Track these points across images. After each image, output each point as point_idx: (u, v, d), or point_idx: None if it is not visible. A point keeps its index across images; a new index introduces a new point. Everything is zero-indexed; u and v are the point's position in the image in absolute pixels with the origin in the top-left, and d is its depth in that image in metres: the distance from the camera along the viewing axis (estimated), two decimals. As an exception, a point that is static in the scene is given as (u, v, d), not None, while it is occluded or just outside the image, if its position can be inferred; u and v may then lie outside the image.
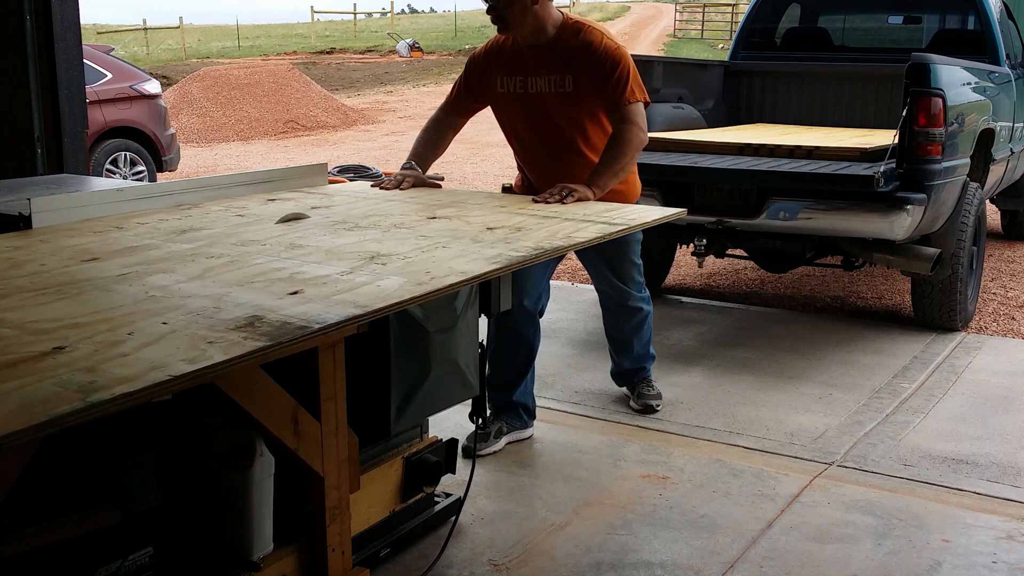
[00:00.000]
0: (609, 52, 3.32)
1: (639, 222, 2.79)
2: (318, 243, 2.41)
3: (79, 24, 4.69)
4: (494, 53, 3.51)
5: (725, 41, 30.83)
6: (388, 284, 1.98)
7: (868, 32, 7.85)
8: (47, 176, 4.23)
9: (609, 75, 3.31)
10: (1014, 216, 8.27)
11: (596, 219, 2.76)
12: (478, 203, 3.05)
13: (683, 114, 6.24)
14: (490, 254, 2.25)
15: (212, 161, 15.49)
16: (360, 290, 1.92)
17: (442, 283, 1.99)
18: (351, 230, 2.59)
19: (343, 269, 2.11)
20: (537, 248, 2.34)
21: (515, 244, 2.37)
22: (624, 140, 3.28)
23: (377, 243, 2.40)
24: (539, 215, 2.82)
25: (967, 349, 5.01)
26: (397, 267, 2.12)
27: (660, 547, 2.94)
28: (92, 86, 9.29)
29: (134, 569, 2.12)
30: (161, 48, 37.31)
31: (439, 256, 2.24)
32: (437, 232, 2.54)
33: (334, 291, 1.92)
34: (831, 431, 3.89)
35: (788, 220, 4.76)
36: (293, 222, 2.74)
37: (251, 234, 2.53)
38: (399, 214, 2.84)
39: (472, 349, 2.81)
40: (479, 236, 2.48)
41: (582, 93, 3.36)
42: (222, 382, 1.98)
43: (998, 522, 3.12)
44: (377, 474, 2.72)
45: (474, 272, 2.09)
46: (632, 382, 4.15)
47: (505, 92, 3.48)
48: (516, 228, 2.59)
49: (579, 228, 2.62)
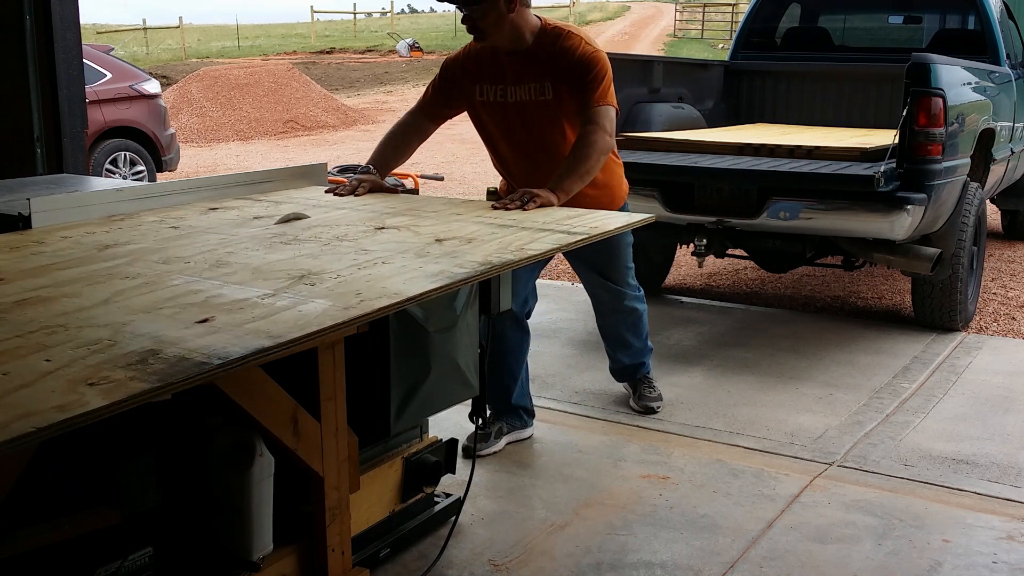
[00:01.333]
0: (586, 56, 3.24)
1: (601, 230, 2.61)
2: (248, 260, 2.25)
3: (79, 24, 4.69)
4: (472, 60, 3.40)
5: (725, 41, 30.83)
6: (310, 309, 1.82)
7: (868, 32, 7.85)
8: (47, 176, 4.22)
9: (583, 77, 3.22)
10: (1014, 216, 8.27)
11: (555, 227, 2.61)
12: (434, 211, 2.89)
13: (683, 114, 6.24)
14: (432, 271, 2.11)
15: (212, 161, 15.49)
16: (277, 317, 1.78)
17: (371, 307, 1.84)
18: (289, 244, 2.43)
19: (266, 291, 1.96)
20: (484, 263, 2.18)
21: (461, 259, 2.23)
22: (589, 142, 3.16)
23: (312, 259, 2.24)
24: (496, 223, 2.66)
25: (967, 349, 5.01)
26: (326, 288, 1.98)
27: (660, 547, 2.94)
28: (92, 86, 9.30)
29: (134, 569, 2.12)
30: (161, 48, 37.32)
31: (376, 274, 2.09)
32: (381, 245, 2.39)
33: (248, 318, 1.77)
34: (831, 431, 3.89)
35: (788, 220, 4.76)
36: (293, 222, 2.73)
37: (178, 249, 2.38)
38: (346, 224, 2.68)
39: (472, 349, 2.81)
40: (425, 249, 2.33)
41: (561, 100, 3.28)
42: (222, 382, 1.97)
43: (998, 522, 3.12)
44: (377, 474, 2.72)
45: (408, 293, 1.94)
46: (633, 379, 4.13)
47: (484, 100, 3.39)
48: (467, 239, 2.44)
49: (535, 238, 2.46)
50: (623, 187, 3.66)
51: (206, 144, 18.18)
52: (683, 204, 4.98)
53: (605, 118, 3.21)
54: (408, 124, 3.48)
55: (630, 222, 2.80)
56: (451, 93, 3.44)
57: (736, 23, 22.95)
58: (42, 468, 1.97)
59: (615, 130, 3.28)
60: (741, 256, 5.78)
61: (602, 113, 3.21)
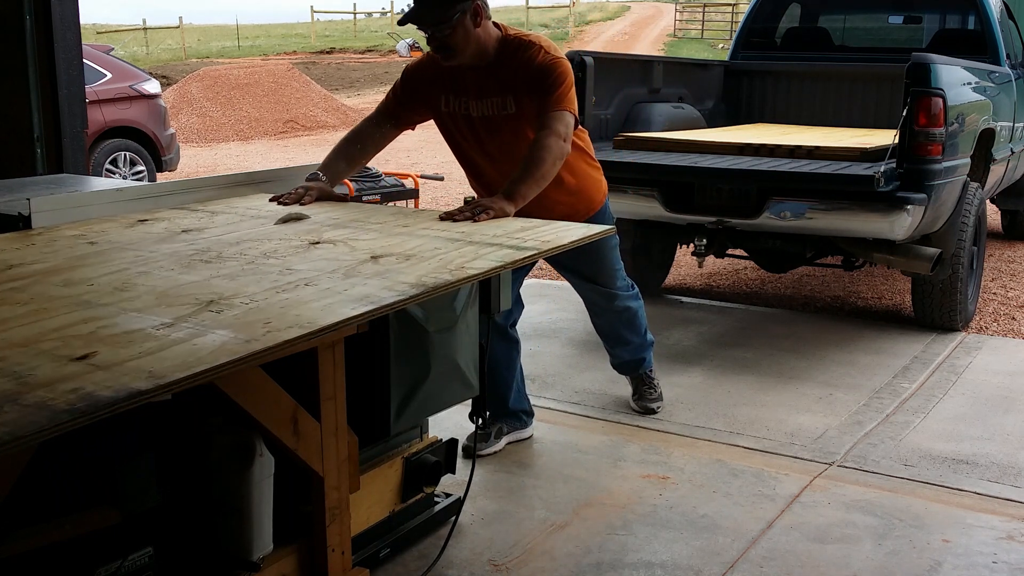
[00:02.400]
0: (545, 63, 3.15)
1: (553, 244, 2.45)
2: (157, 282, 2.10)
3: (79, 24, 4.69)
4: (435, 69, 3.27)
5: (725, 41, 30.82)
6: (206, 343, 1.68)
7: (868, 32, 7.85)
8: (47, 176, 4.22)
9: (541, 82, 3.14)
10: (1014, 216, 8.27)
11: (504, 242, 2.44)
12: (379, 222, 2.74)
13: (683, 114, 6.24)
14: (357, 295, 1.97)
15: (212, 161, 15.50)
16: (166, 353, 1.63)
17: (276, 339, 1.69)
18: (209, 262, 2.27)
19: (164, 320, 1.80)
20: (417, 285, 2.04)
21: (393, 280, 2.08)
22: (542, 146, 3.05)
23: (229, 281, 2.09)
24: (443, 236, 2.52)
25: (967, 349, 5.01)
26: (233, 316, 1.83)
27: (660, 547, 2.94)
28: (92, 86, 9.30)
29: (134, 569, 2.12)
30: (161, 48, 37.32)
31: (293, 299, 1.95)
32: (310, 264, 2.24)
33: (133, 354, 1.62)
34: (831, 431, 3.89)
35: (788, 220, 4.76)
36: (292, 223, 2.73)
37: (87, 269, 2.22)
38: (278, 238, 2.52)
39: (472, 349, 2.81)
40: (356, 268, 2.19)
41: (525, 111, 3.19)
42: (222, 382, 1.97)
43: (998, 522, 3.12)
44: (377, 474, 2.72)
45: (322, 323, 1.79)
46: (636, 373, 4.10)
47: (449, 112, 3.30)
48: (406, 256, 2.30)
49: (480, 255, 2.32)
50: (601, 191, 3.61)
51: (206, 144, 18.19)
52: (683, 204, 4.98)
53: (560, 123, 3.11)
54: (365, 132, 3.35)
55: (588, 234, 2.64)
56: (413, 102, 3.34)
57: (736, 23, 22.95)
58: (42, 468, 1.97)
59: (570, 135, 3.17)
60: (741, 256, 5.78)
61: (556, 118, 3.11)
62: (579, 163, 3.45)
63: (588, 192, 3.54)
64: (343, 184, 6.37)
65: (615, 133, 5.62)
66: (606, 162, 5.06)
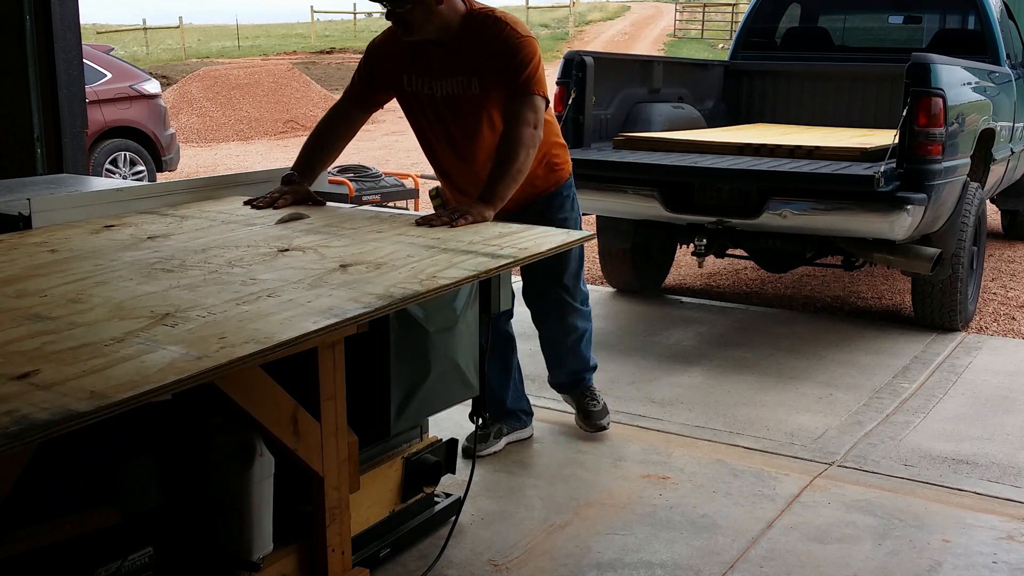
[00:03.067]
0: (511, 41, 2.99)
1: (531, 252, 2.39)
2: (113, 293, 2.02)
3: (79, 24, 4.69)
4: (397, 45, 3.12)
5: (725, 41, 30.82)
6: (155, 360, 1.60)
7: (868, 32, 7.85)
8: (47, 176, 4.22)
9: (507, 64, 2.98)
10: (1014, 216, 8.27)
11: (480, 249, 2.38)
12: (353, 228, 2.65)
13: (683, 114, 6.24)
14: (321, 307, 1.90)
15: (212, 161, 15.50)
16: (112, 371, 1.56)
17: (230, 355, 1.63)
18: (170, 271, 2.19)
19: (115, 335, 1.73)
20: (384, 296, 1.98)
21: (360, 291, 2.01)
22: (513, 139, 2.91)
23: (189, 292, 2.02)
24: (417, 243, 2.45)
25: (967, 349, 5.01)
26: (187, 331, 1.76)
27: (660, 547, 2.94)
28: (92, 86, 9.30)
29: (134, 569, 2.12)
30: (161, 48, 37.30)
31: (253, 311, 1.87)
32: (276, 273, 2.16)
33: (78, 372, 1.55)
34: (831, 431, 3.89)
35: (788, 220, 4.76)
36: (292, 222, 2.73)
37: (43, 279, 2.14)
38: (247, 245, 2.43)
39: (472, 349, 2.81)
40: (324, 278, 2.12)
41: (490, 93, 3.05)
42: (222, 382, 1.97)
43: (998, 522, 3.12)
44: (377, 474, 2.72)
45: (280, 337, 1.72)
46: (573, 393, 3.84)
47: (411, 91, 3.15)
48: (376, 264, 2.23)
49: (453, 263, 2.25)
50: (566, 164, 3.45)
51: (206, 144, 18.19)
52: (683, 204, 4.98)
53: (529, 109, 2.96)
54: (334, 118, 3.21)
55: (568, 240, 2.57)
56: (377, 80, 3.20)
57: (736, 23, 22.95)
58: (42, 468, 1.97)
59: (541, 121, 3.01)
60: (741, 256, 5.78)
61: (526, 104, 2.96)
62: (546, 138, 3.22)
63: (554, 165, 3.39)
64: (343, 184, 6.40)
65: (615, 133, 5.62)
66: (606, 162, 5.11)
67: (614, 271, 6.06)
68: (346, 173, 6.85)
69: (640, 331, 5.32)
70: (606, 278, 6.22)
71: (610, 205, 5.24)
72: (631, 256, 5.90)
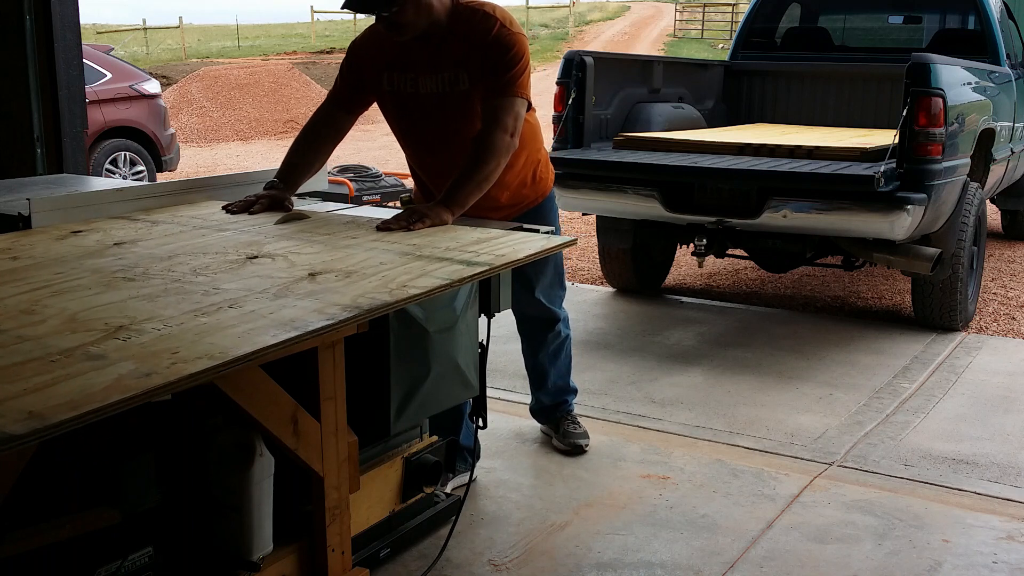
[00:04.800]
0: (502, 37, 2.85)
1: (509, 259, 2.32)
2: (69, 304, 1.93)
3: (79, 24, 4.69)
4: (379, 44, 2.98)
5: (725, 41, 30.82)
6: (102, 377, 1.53)
7: (868, 32, 7.86)
8: (47, 176, 4.23)
9: (495, 59, 2.83)
10: (1014, 216, 8.28)
11: (456, 256, 2.31)
12: (327, 233, 2.58)
13: (683, 114, 6.25)
14: (284, 318, 1.83)
15: (212, 161, 15.50)
16: (56, 389, 1.48)
17: (180, 372, 1.56)
18: (132, 280, 2.12)
19: (65, 348, 1.66)
20: (350, 307, 1.90)
21: (325, 301, 1.94)
22: (486, 145, 2.78)
23: (148, 302, 1.95)
24: (392, 250, 2.38)
25: (967, 349, 5.01)
26: (140, 344, 1.68)
27: (660, 547, 2.94)
28: (92, 86, 9.31)
29: (134, 569, 2.12)
30: (161, 48, 37.30)
31: (211, 324, 1.80)
32: (241, 282, 2.09)
33: (18, 391, 1.47)
34: (831, 431, 3.89)
35: (788, 220, 4.76)
36: (292, 222, 2.73)
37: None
38: (215, 252, 2.36)
39: (472, 349, 2.81)
40: (290, 287, 2.05)
41: (477, 87, 2.90)
42: (222, 382, 1.97)
43: (998, 522, 3.12)
44: (377, 474, 2.72)
45: (235, 353, 1.65)
46: (554, 418, 3.68)
47: (392, 91, 2.99)
48: (347, 273, 2.16)
49: (426, 271, 2.18)
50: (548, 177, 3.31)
51: (206, 144, 18.19)
52: (683, 204, 4.98)
53: (507, 113, 2.82)
54: (318, 123, 3.07)
55: (547, 247, 2.48)
56: (361, 81, 3.04)
57: (736, 23, 22.95)
58: (42, 468, 1.97)
59: (520, 128, 2.88)
60: (741, 256, 5.78)
61: (505, 107, 2.82)
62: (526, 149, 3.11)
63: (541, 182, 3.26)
64: (343, 184, 6.40)
65: (615, 133, 5.63)
66: (606, 162, 5.12)
67: (614, 271, 6.07)
68: (346, 173, 6.85)
69: (640, 331, 5.32)
70: (606, 278, 6.22)
71: (610, 205, 5.25)
72: (631, 256, 5.90)
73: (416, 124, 3.04)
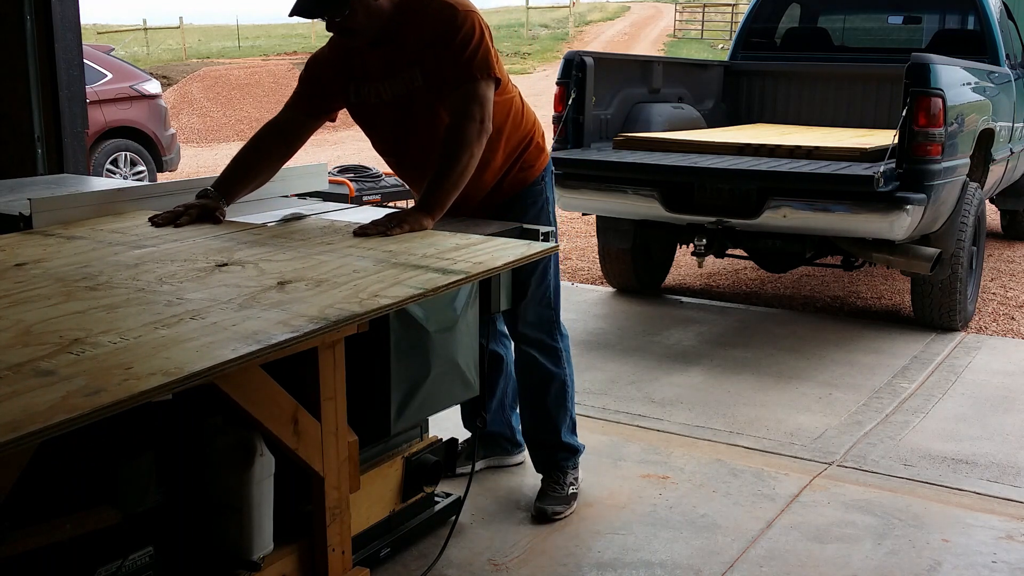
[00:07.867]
0: (447, 16, 2.66)
1: (488, 267, 2.24)
2: (26, 315, 1.86)
3: (79, 24, 4.70)
4: (341, 56, 2.85)
5: (725, 41, 30.81)
6: (48, 395, 1.46)
7: (868, 32, 7.86)
8: (47, 176, 4.23)
9: (446, 42, 2.64)
10: (1014, 216, 8.28)
11: (432, 263, 2.23)
12: (302, 239, 2.51)
13: (683, 114, 6.25)
14: (246, 331, 1.76)
15: (212, 161, 15.51)
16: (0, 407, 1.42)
17: (131, 390, 1.49)
18: (96, 288, 2.04)
19: (12, 364, 1.59)
20: (317, 319, 1.83)
21: (292, 312, 1.88)
22: (455, 139, 2.62)
23: (107, 313, 1.87)
24: (368, 256, 2.31)
25: (967, 349, 5.01)
26: (93, 359, 1.61)
27: (660, 547, 2.94)
28: (92, 86, 9.30)
29: (134, 569, 2.12)
30: (161, 48, 37.31)
31: (170, 337, 1.73)
32: (207, 291, 2.02)
33: None
34: (831, 431, 3.89)
35: (788, 220, 4.76)
36: (292, 222, 2.73)
37: None
38: (184, 259, 2.29)
39: (472, 349, 2.81)
40: (257, 297, 1.97)
41: (433, 81, 2.72)
42: (222, 382, 1.97)
43: (998, 522, 3.13)
44: (377, 474, 2.72)
45: (191, 368, 1.58)
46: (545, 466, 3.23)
47: (359, 102, 2.86)
48: (317, 281, 2.09)
49: (399, 280, 2.10)
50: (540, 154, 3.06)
51: (206, 144, 18.19)
52: (683, 204, 4.99)
53: (472, 101, 2.64)
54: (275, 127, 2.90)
55: (528, 253, 2.37)
56: (320, 97, 2.90)
57: (736, 23, 22.95)
58: (42, 468, 1.97)
59: (489, 111, 2.67)
60: (741, 256, 5.78)
61: (469, 94, 2.65)
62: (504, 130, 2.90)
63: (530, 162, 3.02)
64: (343, 184, 6.39)
65: (615, 133, 5.63)
66: (606, 162, 5.12)
67: (614, 271, 6.07)
68: (346, 173, 6.84)
69: (640, 331, 5.32)
70: (606, 278, 6.22)
71: (610, 205, 5.25)
72: (631, 256, 5.90)
73: (387, 131, 2.91)
